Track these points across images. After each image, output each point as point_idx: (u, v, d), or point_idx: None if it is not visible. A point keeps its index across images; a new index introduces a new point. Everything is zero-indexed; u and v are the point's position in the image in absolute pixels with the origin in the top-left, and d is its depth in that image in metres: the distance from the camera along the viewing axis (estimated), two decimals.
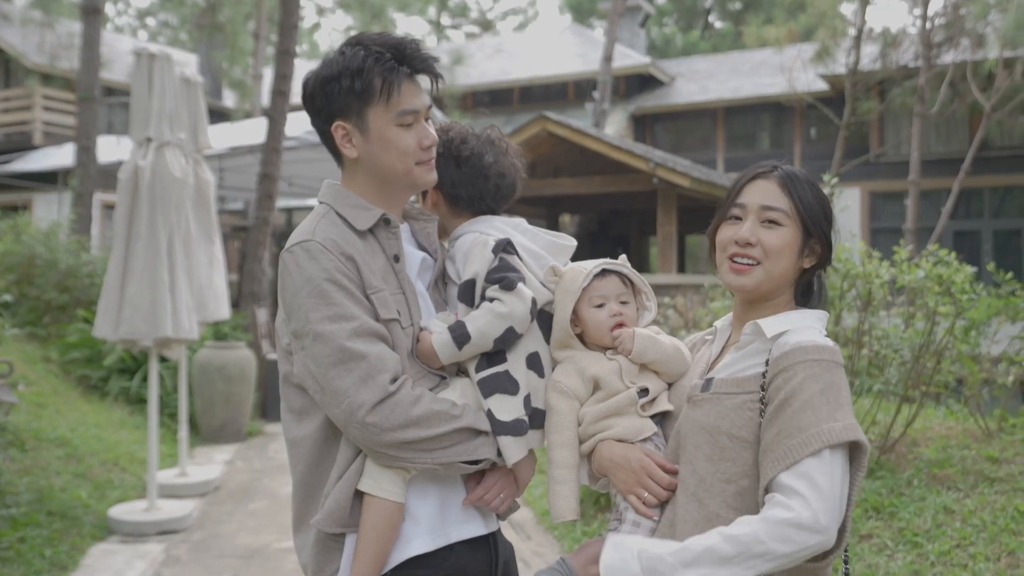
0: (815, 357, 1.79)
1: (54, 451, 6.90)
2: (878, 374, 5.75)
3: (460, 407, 1.94)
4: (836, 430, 1.73)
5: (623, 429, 1.95)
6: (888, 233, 18.78)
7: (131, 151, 6.11)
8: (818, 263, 1.96)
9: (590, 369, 1.98)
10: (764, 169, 1.98)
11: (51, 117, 22.84)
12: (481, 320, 1.95)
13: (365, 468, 1.93)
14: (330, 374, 1.86)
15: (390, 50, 1.98)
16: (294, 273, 1.93)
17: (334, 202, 2.05)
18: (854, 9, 18.23)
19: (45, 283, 10.45)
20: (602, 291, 2.03)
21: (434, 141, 2.05)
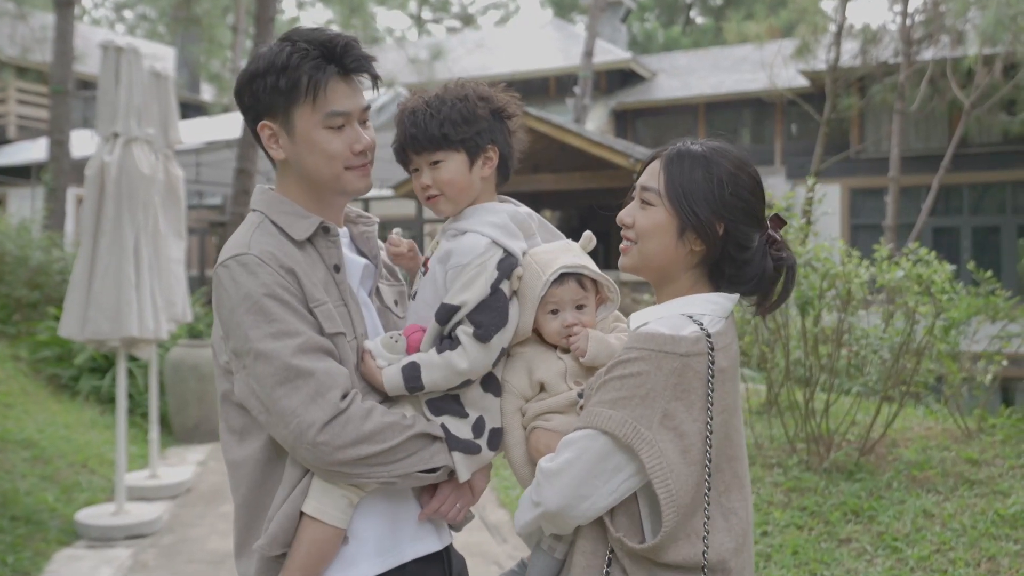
0: (641, 345, 1.73)
1: (20, 453, 6.75)
2: (857, 374, 5.70)
3: (411, 416, 1.86)
4: (602, 415, 1.71)
5: (558, 424, 1.91)
6: (868, 229, 18.81)
7: (97, 146, 5.95)
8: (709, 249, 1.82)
9: (537, 372, 1.93)
10: (664, 149, 1.89)
11: (25, 111, 22.56)
12: (438, 374, 1.85)
13: (310, 489, 1.82)
14: (276, 394, 1.76)
15: (319, 47, 1.86)
16: (230, 289, 1.82)
17: (268, 210, 1.93)
18: (834, 5, 18.24)
19: (15, 280, 10.26)
20: (557, 298, 1.94)
21: (368, 146, 1.92)
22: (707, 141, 1.86)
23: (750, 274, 1.84)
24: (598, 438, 1.70)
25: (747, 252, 1.82)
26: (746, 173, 1.83)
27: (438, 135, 1.89)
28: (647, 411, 1.68)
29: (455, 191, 1.93)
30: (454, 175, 1.92)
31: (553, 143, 15.11)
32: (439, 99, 1.92)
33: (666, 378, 1.69)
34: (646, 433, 1.68)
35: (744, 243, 1.82)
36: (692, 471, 1.69)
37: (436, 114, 1.89)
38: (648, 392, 1.69)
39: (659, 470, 1.67)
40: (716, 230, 1.79)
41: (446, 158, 1.91)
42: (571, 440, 1.74)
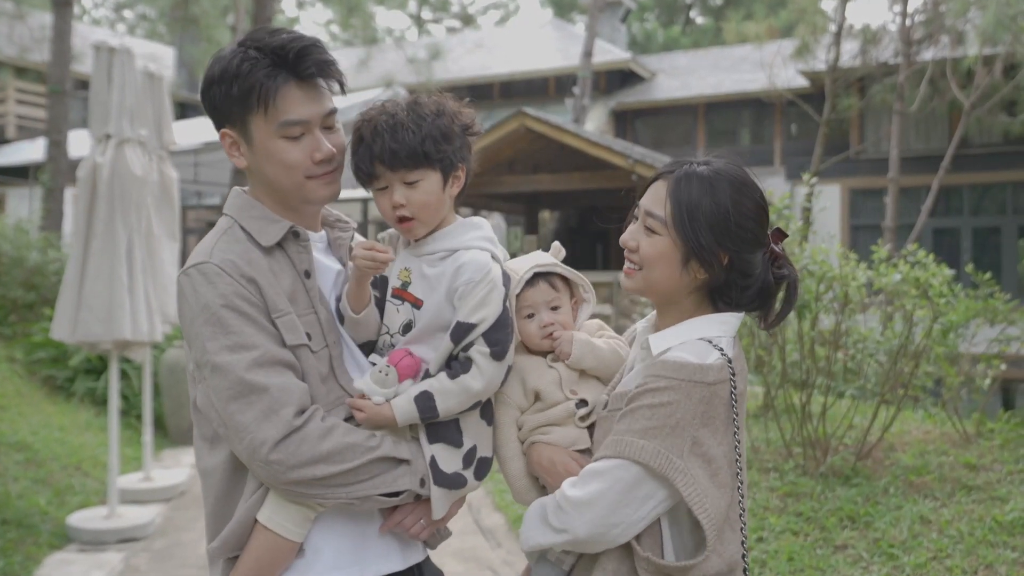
0: (669, 374, 1.73)
1: (13, 455, 6.71)
2: (854, 378, 5.66)
3: (379, 436, 1.80)
4: (634, 446, 1.71)
5: (558, 437, 1.90)
6: (868, 230, 18.77)
7: (90, 148, 5.91)
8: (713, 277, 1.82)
9: (530, 381, 1.92)
10: (670, 169, 1.86)
11: (24, 111, 22.55)
12: (453, 400, 1.81)
13: (267, 498, 1.79)
14: (230, 408, 1.71)
15: (270, 53, 1.78)
16: (190, 298, 1.77)
17: (239, 215, 1.89)
18: (834, 5, 18.20)
19: (11, 281, 10.23)
20: (530, 300, 1.93)
21: (329, 154, 1.83)
22: (713, 161, 1.84)
23: (751, 295, 1.85)
24: (630, 468, 1.71)
25: (750, 278, 1.83)
26: (750, 199, 1.81)
27: (420, 152, 1.80)
28: (677, 440, 1.70)
29: (429, 213, 1.86)
30: (430, 196, 1.84)
31: (552, 143, 15.07)
32: (416, 113, 1.83)
33: (695, 407, 1.71)
34: (678, 462, 1.69)
35: (747, 271, 1.82)
36: (722, 493, 1.72)
37: (418, 130, 1.80)
38: (678, 422, 1.70)
39: (696, 496, 1.69)
40: (720, 260, 1.79)
41: (424, 177, 1.83)
42: (600, 470, 1.73)
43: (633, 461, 1.70)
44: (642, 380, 1.76)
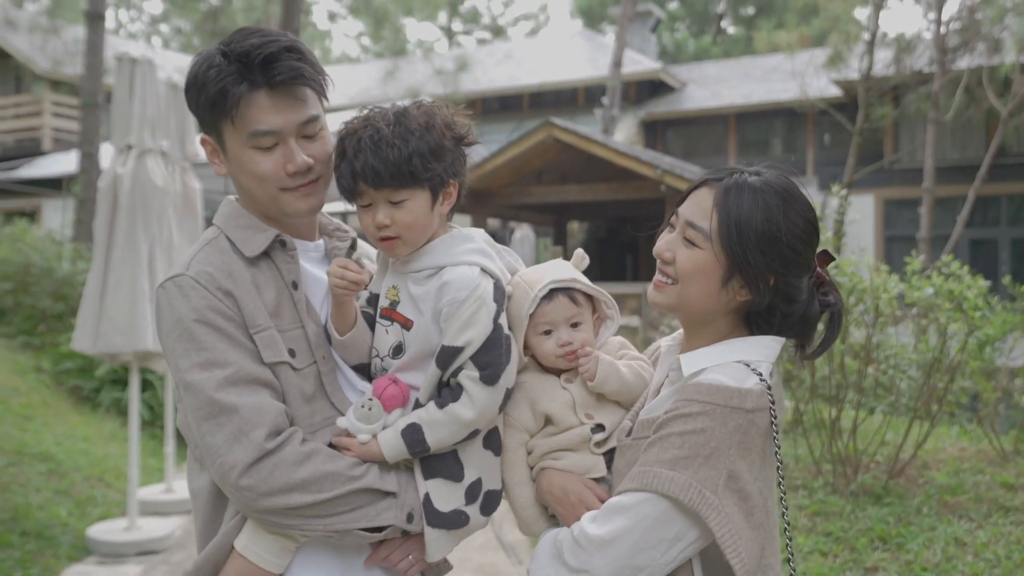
0: (704, 398, 1.58)
1: (36, 466, 6.71)
2: (885, 393, 5.50)
3: (363, 467, 1.68)
4: (663, 477, 1.55)
5: (571, 463, 1.77)
6: (902, 241, 18.46)
7: (111, 159, 5.92)
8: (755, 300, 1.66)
9: (541, 404, 1.78)
10: (716, 176, 1.70)
11: (60, 123, 22.85)
12: (443, 431, 1.67)
13: (245, 525, 1.68)
14: (202, 429, 1.62)
15: (236, 59, 1.67)
16: (165, 312, 1.69)
17: (225, 224, 1.80)
18: (868, 14, 17.95)
19: (40, 291, 10.30)
20: (548, 317, 1.78)
21: (302, 166, 1.71)
22: (764, 171, 1.67)
23: (793, 322, 1.68)
24: (658, 503, 1.55)
25: (795, 305, 1.66)
26: (802, 217, 1.64)
27: (406, 171, 1.66)
28: (711, 472, 1.54)
29: (415, 233, 1.72)
30: (416, 216, 1.70)
31: (580, 154, 14.98)
32: (403, 127, 1.67)
33: (731, 435, 1.55)
34: (712, 498, 1.53)
35: (792, 296, 1.66)
36: (756, 535, 1.56)
37: (404, 146, 1.65)
38: (713, 451, 1.54)
39: (730, 538, 1.53)
40: (767, 282, 1.63)
41: (410, 197, 1.69)
42: (625, 505, 1.58)
43: (661, 495, 1.54)
44: (672, 404, 1.61)
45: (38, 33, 21.29)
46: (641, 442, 1.65)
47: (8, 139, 23.16)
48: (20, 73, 24.47)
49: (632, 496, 1.57)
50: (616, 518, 1.57)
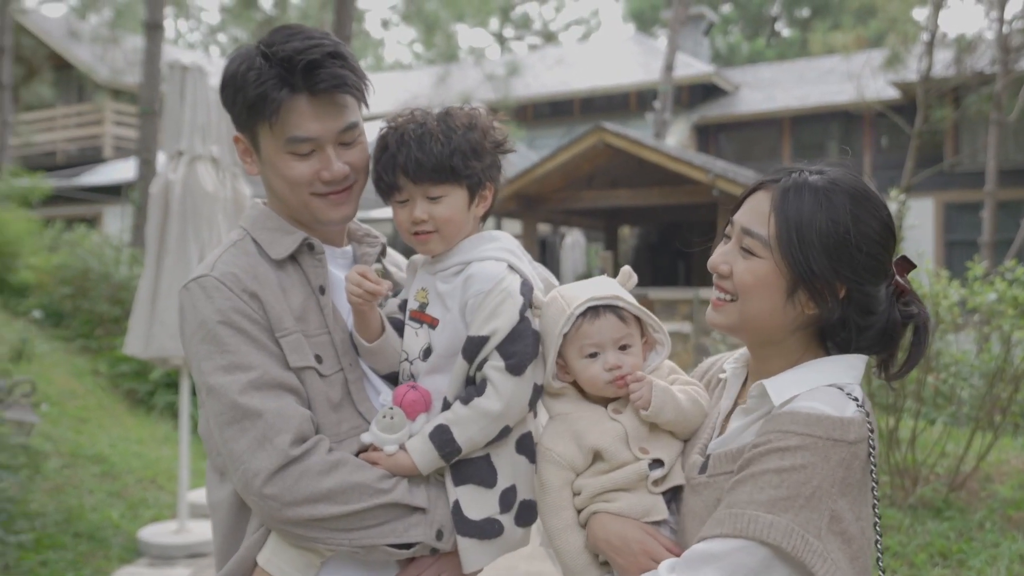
0: (803, 430, 1.41)
1: (90, 468, 6.82)
2: (945, 404, 5.32)
3: (392, 480, 1.62)
4: (760, 522, 1.36)
5: (627, 506, 1.58)
6: (963, 246, 18.00)
7: (163, 165, 6.00)
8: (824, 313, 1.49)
9: (589, 437, 1.61)
10: (773, 177, 1.54)
11: (120, 131, 23.37)
12: (473, 428, 1.61)
13: (268, 539, 1.63)
14: (224, 435, 1.57)
15: (279, 64, 1.62)
16: (188, 314, 1.65)
17: (252, 226, 1.76)
18: (927, 14, 17.56)
19: (98, 296, 10.49)
20: (594, 338, 1.63)
21: (338, 174, 1.69)
22: (828, 169, 1.52)
23: (872, 337, 1.50)
24: (755, 552, 1.37)
25: (871, 317, 1.49)
26: (875, 217, 1.48)
27: (447, 166, 1.66)
28: (814, 515, 1.37)
29: (452, 230, 1.71)
30: (454, 212, 1.70)
31: (631, 158, 14.87)
32: (447, 125, 1.68)
33: (833, 471, 1.38)
34: (816, 544, 1.36)
35: (868, 307, 1.49)
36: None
37: (447, 142, 1.66)
38: (815, 490, 1.37)
39: None
40: (836, 292, 1.47)
41: (449, 192, 1.69)
42: (714, 553, 1.39)
43: (760, 542, 1.36)
44: (762, 437, 1.44)
45: (99, 44, 21.82)
46: (720, 479, 1.50)
47: (71, 147, 23.75)
48: (82, 83, 25.11)
49: (724, 543, 1.39)
50: (704, 569, 1.39)
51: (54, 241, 12.67)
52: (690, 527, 1.54)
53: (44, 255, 11.89)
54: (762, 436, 1.45)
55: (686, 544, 1.54)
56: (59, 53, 24.10)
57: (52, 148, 23.85)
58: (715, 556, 1.39)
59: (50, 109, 24.70)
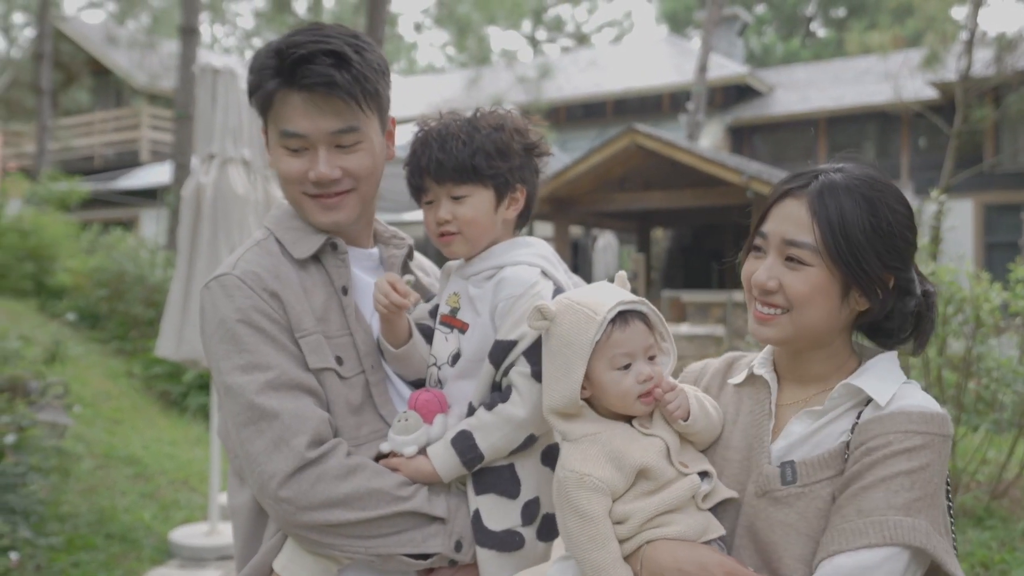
0: (920, 428, 1.40)
1: (123, 469, 6.87)
2: (987, 410, 5.18)
3: (412, 487, 1.58)
4: (904, 527, 1.34)
5: (685, 528, 1.45)
6: (1004, 248, 17.66)
7: (194, 168, 6.02)
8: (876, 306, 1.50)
9: (632, 456, 1.46)
10: (796, 183, 1.52)
11: (156, 135, 23.67)
12: (496, 434, 1.57)
13: (285, 544, 1.60)
14: (241, 436, 1.55)
15: (273, 56, 1.63)
16: (208, 313, 1.64)
17: (276, 226, 1.75)
18: (966, 12, 17.27)
19: (133, 298, 10.60)
20: (627, 347, 1.51)
21: (320, 177, 1.66)
22: (846, 168, 1.52)
23: (909, 319, 1.53)
24: (901, 556, 1.35)
25: (913, 300, 1.51)
26: (905, 206, 1.51)
27: (469, 166, 1.64)
28: (937, 512, 1.39)
29: (476, 231, 1.68)
30: (478, 213, 1.67)
31: (663, 160, 14.75)
32: (471, 125, 1.68)
33: (943, 467, 1.41)
34: (945, 542, 1.38)
35: (912, 291, 1.50)
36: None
37: (469, 142, 1.65)
38: (936, 488, 1.39)
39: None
40: (887, 284, 1.48)
41: (472, 193, 1.67)
42: (867, 565, 1.34)
43: (905, 546, 1.35)
44: (878, 439, 1.41)
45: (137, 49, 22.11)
46: (817, 487, 1.45)
47: (108, 151, 24.08)
48: (120, 88, 25.48)
49: (873, 553, 1.35)
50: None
51: (91, 244, 12.84)
52: (780, 540, 1.46)
53: (81, 258, 12.05)
54: (878, 438, 1.42)
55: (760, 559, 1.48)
56: (97, 59, 24.48)
57: (90, 152, 24.20)
58: (868, 568, 1.35)
59: (88, 114, 25.08)
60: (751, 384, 1.65)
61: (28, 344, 6.90)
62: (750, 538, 1.50)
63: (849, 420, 1.48)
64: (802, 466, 1.48)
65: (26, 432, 5.01)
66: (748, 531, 1.51)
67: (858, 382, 1.49)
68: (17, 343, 6.64)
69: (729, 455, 1.58)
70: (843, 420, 1.49)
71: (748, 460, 1.55)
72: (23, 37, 25.11)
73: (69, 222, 13.17)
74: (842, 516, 1.40)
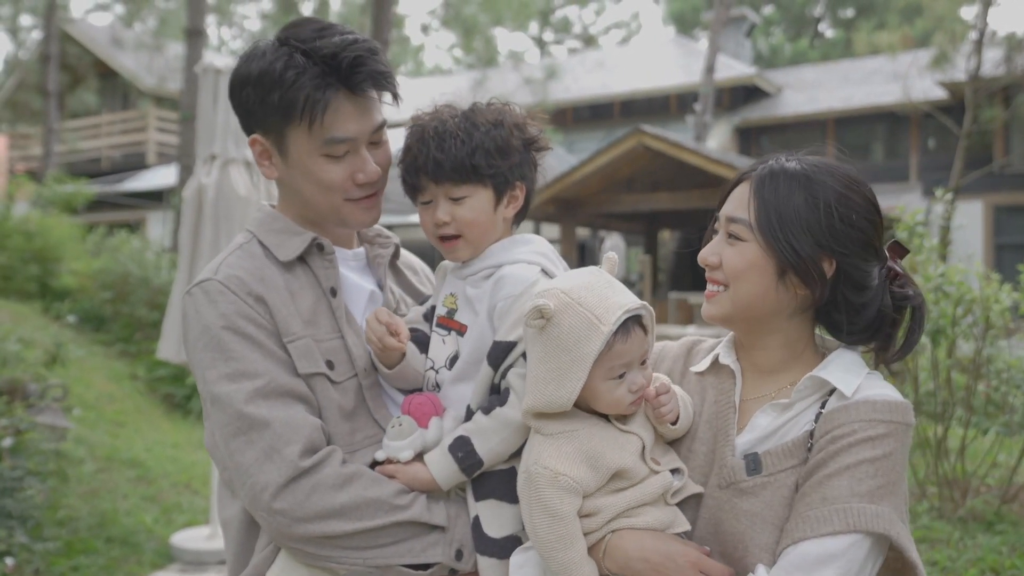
0: (883, 416, 1.42)
1: (125, 472, 6.84)
2: (996, 412, 5.11)
3: (410, 496, 1.52)
4: (867, 514, 1.35)
5: (653, 519, 1.46)
6: (1014, 249, 17.56)
7: (196, 169, 5.99)
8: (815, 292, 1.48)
9: (608, 458, 1.45)
10: (750, 169, 1.55)
11: (163, 138, 23.71)
12: (494, 439, 1.52)
13: (278, 555, 1.54)
14: (231, 447, 1.49)
15: (322, 61, 1.55)
16: (192, 321, 1.58)
17: (259, 229, 1.69)
18: (975, 12, 17.18)
19: (137, 300, 10.59)
20: (626, 358, 1.47)
21: (372, 176, 1.63)
22: (806, 156, 1.53)
23: (868, 319, 1.51)
24: (863, 543, 1.37)
25: (865, 293, 1.49)
26: (858, 194, 1.49)
27: (468, 165, 1.58)
28: (898, 500, 1.42)
29: (477, 233, 1.63)
30: (478, 214, 1.61)
31: (670, 161, 14.69)
32: (470, 122, 1.61)
33: (904, 455, 1.44)
34: (904, 528, 1.40)
35: (862, 282, 1.48)
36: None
37: (468, 139, 1.58)
38: (899, 475, 1.42)
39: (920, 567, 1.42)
40: (823, 269, 1.46)
41: (471, 193, 1.61)
42: (832, 552, 1.36)
43: (867, 533, 1.37)
44: (842, 428, 1.42)
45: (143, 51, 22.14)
46: (782, 476, 1.46)
47: (115, 153, 24.14)
48: (127, 90, 25.53)
49: (838, 540, 1.37)
50: (824, 570, 1.36)
51: (96, 246, 12.84)
52: (745, 529, 1.46)
53: (86, 260, 12.05)
54: (843, 427, 1.43)
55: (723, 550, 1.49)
56: (104, 61, 24.54)
57: (97, 154, 24.26)
58: (833, 555, 1.36)
59: (95, 116, 25.15)
60: (714, 374, 1.64)
61: (28, 347, 6.87)
62: (712, 530, 1.51)
63: (813, 411, 1.50)
64: (767, 456, 1.48)
65: (24, 435, 4.96)
66: (710, 523, 1.51)
67: (823, 374, 1.50)
68: (17, 346, 6.60)
69: (695, 447, 1.58)
70: (810, 411, 1.50)
71: (713, 453, 1.56)
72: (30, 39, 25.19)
73: (75, 224, 13.18)
74: (807, 503, 1.41)
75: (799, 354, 1.57)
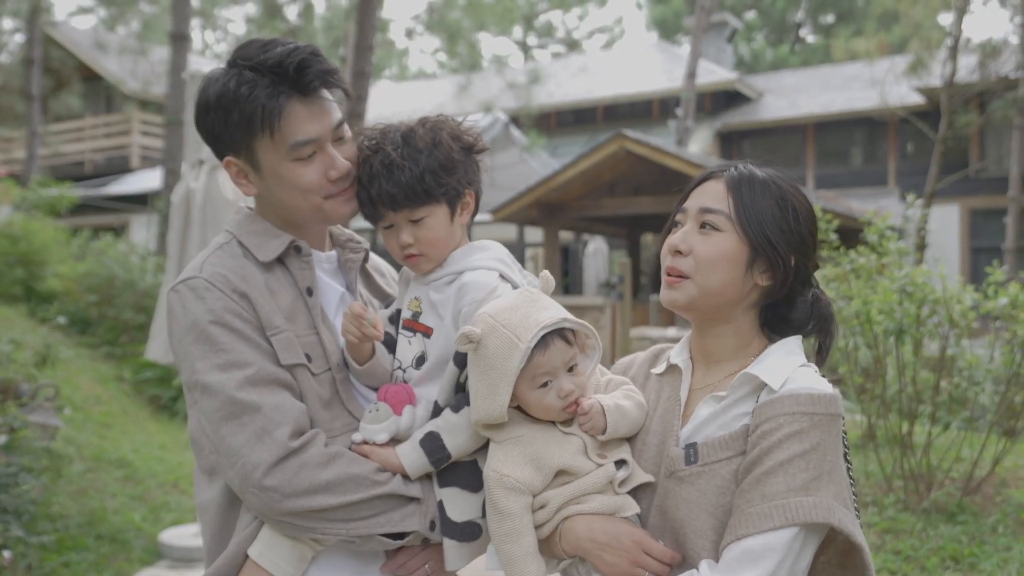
0: (806, 409, 1.51)
1: (113, 472, 6.93)
2: (958, 408, 5.29)
3: (388, 472, 1.66)
4: (804, 507, 1.46)
5: (600, 505, 1.60)
6: (989, 252, 17.81)
7: (184, 173, 6.09)
8: (777, 283, 1.64)
9: (550, 458, 1.60)
10: (720, 168, 1.70)
11: (147, 141, 23.69)
12: (462, 435, 1.65)
13: (260, 531, 1.66)
14: (221, 431, 1.60)
15: (269, 71, 1.64)
16: (179, 316, 1.68)
17: (238, 230, 1.80)
18: (950, 19, 17.44)
19: (123, 303, 10.65)
20: (547, 367, 1.60)
21: (343, 171, 1.72)
22: (765, 167, 1.70)
23: (804, 317, 1.68)
24: (799, 534, 1.47)
25: (809, 291, 1.67)
26: (804, 204, 1.68)
27: (420, 190, 1.69)
28: (837, 487, 1.50)
29: (439, 248, 1.75)
30: (438, 231, 1.74)
31: (652, 166, 14.85)
32: (411, 147, 1.70)
33: (835, 443, 1.53)
34: (848, 513, 1.50)
35: (809, 280, 1.67)
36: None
37: (414, 166, 1.68)
38: (832, 464, 1.51)
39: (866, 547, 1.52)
40: (789, 263, 1.61)
41: (430, 213, 1.73)
42: (773, 546, 1.46)
43: (802, 524, 1.46)
44: (770, 422, 1.52)
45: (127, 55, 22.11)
46: (717, 466, 1.56)
47: (99, 157, 24.08)
48: (111, 94, 25.49)
49: (779, 535, 1.46)
50: (763, 563, 1.46)
51: (81, 250, 12.88)
52: (684, 516, 1.57)
53: (71, 263, 12.08)
54: (770, 421, 1.52)
55: (670, 535, 1.61)
56: (88, 64, 24.48)
57: (80, 158, 24.20)
58: (774, 548, 1.46)
59: (79, 120, 25.07)
60: (670, 373, 1.77)
61: (19, 347, 6.95)
62: (661, 517, 1.62)
63: (750, 403, 1.60)
64: (704, 447, 1.59)
65: (17, 433, 5.07)
66: (659, 510, 1.63)
67: (755, 370, 1.60)
68: (8, 346, 6.69)
69: (648, 439, 1.70)
70: (745, 403, 1.60)
71: (663, 444, 1.67)
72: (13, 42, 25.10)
73: (59, 228, 13.20)
74: (747, 500, 1.50)
75: (747, 344, 1.68)
